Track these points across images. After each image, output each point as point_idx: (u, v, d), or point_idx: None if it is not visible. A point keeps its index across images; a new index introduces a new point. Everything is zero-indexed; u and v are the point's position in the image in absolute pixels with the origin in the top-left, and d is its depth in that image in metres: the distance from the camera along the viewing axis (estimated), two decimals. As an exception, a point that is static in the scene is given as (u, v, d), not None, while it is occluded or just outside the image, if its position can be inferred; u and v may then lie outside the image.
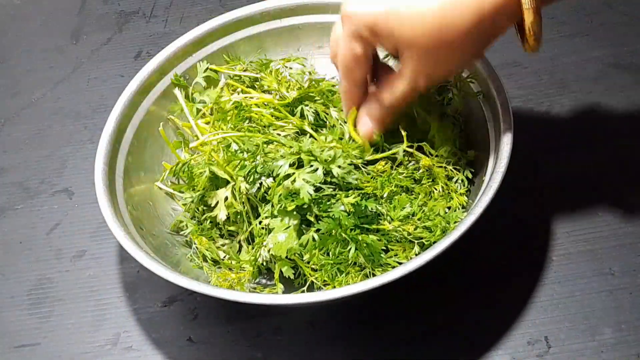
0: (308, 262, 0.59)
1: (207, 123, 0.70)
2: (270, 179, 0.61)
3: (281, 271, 0.60)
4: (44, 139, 0.82)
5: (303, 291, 0.60)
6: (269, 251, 0.60)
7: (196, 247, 0.65)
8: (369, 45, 0.58)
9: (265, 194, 0.61)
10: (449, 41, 0.54)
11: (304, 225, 0.60)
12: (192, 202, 0.65)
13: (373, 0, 0.55)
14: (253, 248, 0.62)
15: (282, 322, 0.64)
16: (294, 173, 0.59)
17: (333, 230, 0.58)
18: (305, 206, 0.59)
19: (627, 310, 0.61)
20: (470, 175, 0.64)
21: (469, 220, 0.56)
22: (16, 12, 0.99)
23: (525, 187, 0.69)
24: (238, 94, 0.72)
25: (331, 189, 0.60)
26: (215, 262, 0.65)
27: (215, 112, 0.71)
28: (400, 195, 0.61)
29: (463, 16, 0.53)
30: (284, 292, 0.61)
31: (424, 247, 0.59)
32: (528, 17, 0.53)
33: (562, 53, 0.81)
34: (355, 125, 0.63)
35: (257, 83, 0.73)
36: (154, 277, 0.57)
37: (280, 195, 0.59)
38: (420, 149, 0.63)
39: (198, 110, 0.72)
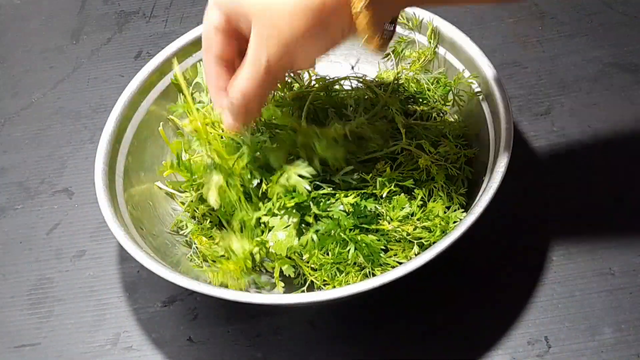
0: (308, 262, 0.60)
1: (207, 124, 0.70)
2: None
3: (281, 269, 0.60)
4: (44, 139, 0.82)
5: (303, 291, 0.61)
6: (268, 249, 0.60)
7: (196, 247, 0.65)
8: (226, 17, 0.54)
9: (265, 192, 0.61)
10: (286, 15, 0.51)
11: (303, 225, 0.60)
12: (192, 201, 0.65)
13: None
14: (245, 237, 0.62)
15: (282, 322, 0.64)
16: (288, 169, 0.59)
17: (332, 231, 0.58)
18: (305, 204, 0.59)
19: (627, 310, 0.61)
20: (469, 175, 0.64)
21: (468, 220, 0.56)
22: (16, 12, 0.99)
23: (525, 187, 0.69)
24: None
25: (330, 188, 0.60)
26: (215, 262, 0.65)
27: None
28: (400, 195, 0.61)
29: (307, 6, 0.50)
30: (284, 290, 0.61)
31: (423, 247, 0.59)
32: (358, 22, 0.51)
33: (562, 53, 0.81)
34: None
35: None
36: (154, 277, 0.57)
37: (278, 193, 0.59)
38: (419, 147, 0.63)
39: (198, 111, 0.72)
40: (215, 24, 0.54)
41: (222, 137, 0.62)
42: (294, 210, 0.59)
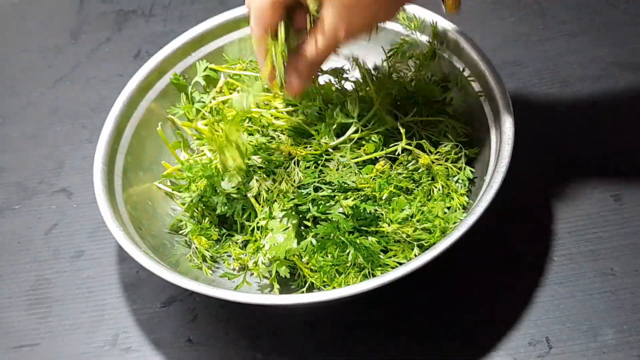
0: (307, 264, 0.59)
1: (206, 125, 0.70)
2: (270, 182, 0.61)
3: (278, 272, 0.60)
4: (42, 138, 0.82)
5: (303, 292, 0.60)
6: (264, 254, 0.60)
7: (195, 247, 0.64)
8: None
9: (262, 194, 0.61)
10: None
11: (302, 228, 0.60)
12: (192, 201, 0.64)
13: None
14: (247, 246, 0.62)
15: (282, 322, 0.63)
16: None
17: (331, 234, 0.58)
18: (304, 207, 0.59)
19: (629, 310, 0.61)
20: (470, 175, 0.64)
21: (469, 220, 0.55)
22: (15, 11, 0.99)
23: (526, 187, 0.69)
24: (238, 92, 0.72)
25: (330, 190, 0.60)
26: (215, 261, 0.65)
27: (214, 113, 0.71)
28: (399, 197, 0.61)
29: None
30: (280, 291, 0.61)
31: (423, 248, 0.59)
32: None
33: (564, 52, 0.80)
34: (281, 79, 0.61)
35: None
36: (153, 277, 0.57)
37: (278, 194, 0.59)
38: (419, 147, 0.63)
39: (198, 111, 0.72)
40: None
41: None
42: (293, 212, 0.59)
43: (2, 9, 0.99)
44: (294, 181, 0.61)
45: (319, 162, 0.62)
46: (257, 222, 0.61)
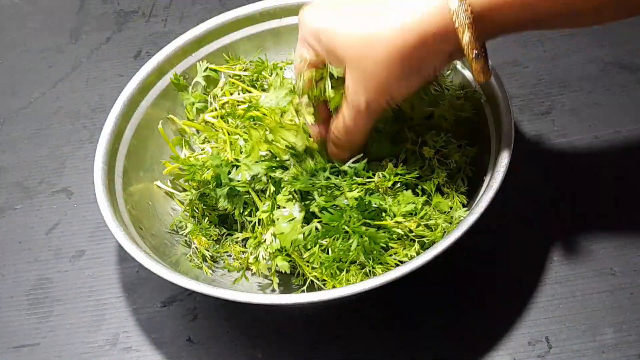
0: (308, 261, 0.59)
1: (215, 118, 0.70)
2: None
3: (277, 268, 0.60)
4: (43, 138, 0.82)
5: (303, 291, 0.60)
6: (266, 249, 0.60)
7: (195, 247, 0.64)
8: (317, 54, 0.57)
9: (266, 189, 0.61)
10: (382, 63, 0.53)
11: (307, 217, 0.60)
12: (192, 199, 0.64)
13: (326, 12, 0.55)
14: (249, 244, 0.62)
15: (282, 322, 0.63)
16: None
17: (336, 222, 0.58)
18: (310, 195, 0.59)
19: (628, 310, 0.61)
20: (470, 174, 0.64)
21: (470, 219, 0.55)
22: (15, 12, 0.99)
23: (526, 186, 0.69)
24: (239, 93, 0.72)
25: (337, 180, 0.60)
26: (215, 261, 0.65)
27: (223, 108, 0.71)
28: (405, 191, 0.60)
29: (405, 40, 0.52)
30: (279, 285, 0.61)
31: (424, 246, 0.59)
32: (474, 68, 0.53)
33: (563, 52, 0.80)
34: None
35: (258, 83, 0.73)
36: (153, 277, 0.57)
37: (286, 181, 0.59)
38: (424, 143, 0.63)
39: (198, 110, 0.72)
40: (306, 61, 0.57)
41: None
42: (298, 197, 0.59)
43: (2, 9, 0.99)
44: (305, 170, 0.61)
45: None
46: (259, 216, 0.61)
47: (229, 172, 0.62)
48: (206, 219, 0.65)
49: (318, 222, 0.58)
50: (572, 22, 0.55)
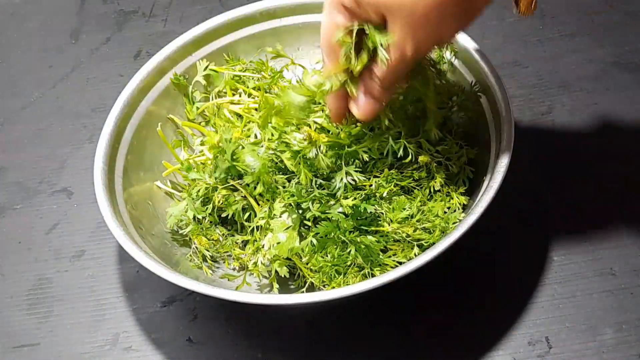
0: (307, 264, 0.59)
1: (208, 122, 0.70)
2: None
3: (277, 272, 0.60)
4: (43, 138, 0.82)
5: (302, 291, 0.60)
6: (264, 255, 0.60)
7: (195, 247, 0.64)
8: (352, 15, 0.55)
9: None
10: (435, 5, 0.52)
11: (302, 228, 0.60)
12: (193, 198, 0.64)
13: None
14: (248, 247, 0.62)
15: (282, 322, 0.63)
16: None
17: (332, 233, 0.58)
18: (304, 205, 0.59)
19: (628, 310, 0.61)
20: (470, 175, 0.64)
21: (469, 220, 0.55)
22: (15, 12, 0.99)
23: (526, 187, 0.69)
24: (240, 95, 0.72)
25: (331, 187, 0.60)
26: (215, 261, 0.65)
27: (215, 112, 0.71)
28: (400, 196, 0.61)
29: None
30: (280, 291, 0.61)
31: (423, 248, 0.59)
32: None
33: (563, 52, 0.80)
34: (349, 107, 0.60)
35: (258, 83, 0.73)
36: (153, 277, 0.57)
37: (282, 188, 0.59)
38: (418, 145, 0.63)
39: (198, 110, 0.72)
40: (340, 28, 0.55)
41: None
42: (293, 209, 0.59)
43: (2, 9, 0.99)
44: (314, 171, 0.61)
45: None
46: (257, 222, 0.61)
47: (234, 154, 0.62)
48: (206, 219, 0.65)
49: (314, 235, 0.58)
50: None
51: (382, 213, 0.60)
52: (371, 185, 0.60)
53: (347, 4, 0.54)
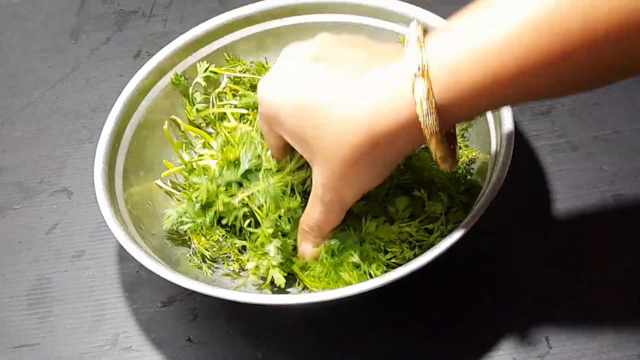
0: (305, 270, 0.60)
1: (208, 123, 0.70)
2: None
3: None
4: (43, 138, 0.82)
5: (302, 292, 0.60)
6: (255, 273, 0.61)
7: (195, 247, 0.64)
8: (284, 141, 0.55)
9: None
10: (350, 158, 0.50)
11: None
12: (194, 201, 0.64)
13: (282, 90, 0.51)
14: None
15: (282, 322, 0.63)
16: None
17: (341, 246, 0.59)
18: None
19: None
20: (470, 175, 0.64)
21: (469, 220, 0.55)
22: (15, 11, 0.99)
23: (526, 187, 0.69)
24: (240, 98, 0.72)
25: None
26: (214, 261, 0.65)
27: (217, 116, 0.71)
28: (401, 196, 0.61)
29: (356, 134, 0.49)
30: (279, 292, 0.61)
31: (422, 248, 0.59)
32: (430, 143, 0.49)
33: (562, 53, 0.80)
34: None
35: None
36: (153, 277, 0.57)
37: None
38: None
39: (198, 111, 0.72)
40: (265, 133, 0.57)
41: None
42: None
43: (2, 9, 0.99)
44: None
45: None
46: (264, 232, 0.61)
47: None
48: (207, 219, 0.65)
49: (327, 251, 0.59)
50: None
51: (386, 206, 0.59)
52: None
53: (278, 129, 0.54)
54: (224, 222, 0.63)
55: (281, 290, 0.62)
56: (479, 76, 0.45)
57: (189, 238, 0.65)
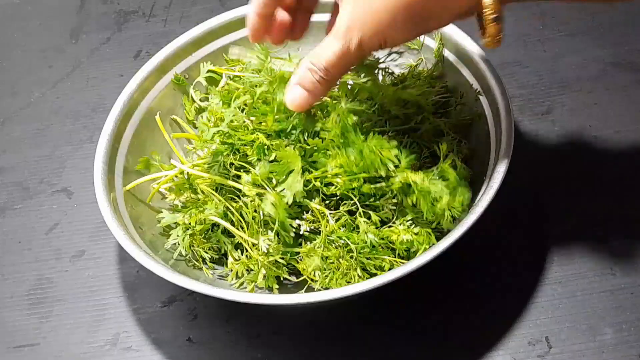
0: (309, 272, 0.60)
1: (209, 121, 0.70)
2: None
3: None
4: (43, 138, 0.82)
5: (302, 291, 0.60)
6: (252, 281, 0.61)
7: (195, 250, 0.64)
8: None
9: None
10: (387, 7, 0.48)
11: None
12: (186, 207, 0.64)
13: None
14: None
15: (282, 322, 0.63)
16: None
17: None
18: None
19: (628, 310, 0.61)
20: (470, 175, 0.64)
21: (469, 220, 0.55)
22: (15, 12, 0.99)
23: (526, 187, 0.69)
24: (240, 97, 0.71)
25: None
26: (214, 261, 0.65)
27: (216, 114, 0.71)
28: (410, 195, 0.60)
29: None
30: (279, 292, 0.61)
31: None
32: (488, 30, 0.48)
33: (563, 52, 0.80)
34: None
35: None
36: (153, 277, 0.57)
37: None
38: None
39: (199, 110, 0.72)
40: None
41: None
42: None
43: (2, 9, 0.99)
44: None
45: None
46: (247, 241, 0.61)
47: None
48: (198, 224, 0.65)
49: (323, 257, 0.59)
50: None
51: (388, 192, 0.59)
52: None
53: None
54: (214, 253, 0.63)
55: (281, 290, 0.62)
56: None
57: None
